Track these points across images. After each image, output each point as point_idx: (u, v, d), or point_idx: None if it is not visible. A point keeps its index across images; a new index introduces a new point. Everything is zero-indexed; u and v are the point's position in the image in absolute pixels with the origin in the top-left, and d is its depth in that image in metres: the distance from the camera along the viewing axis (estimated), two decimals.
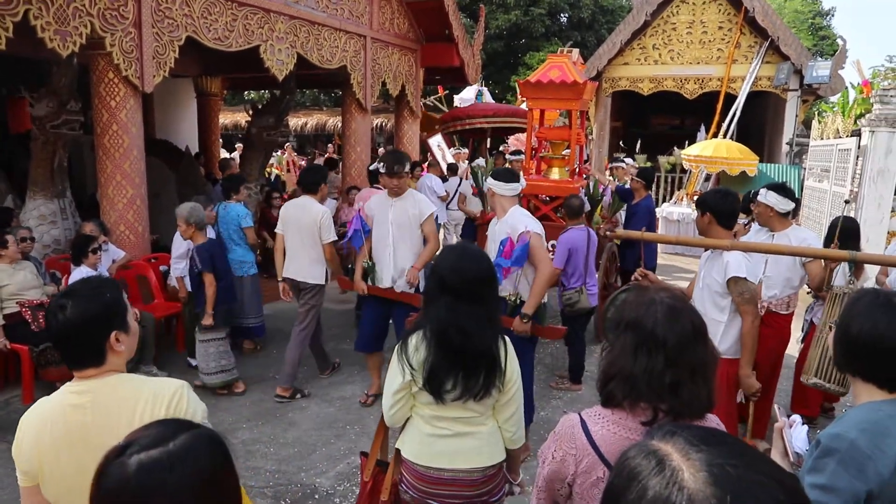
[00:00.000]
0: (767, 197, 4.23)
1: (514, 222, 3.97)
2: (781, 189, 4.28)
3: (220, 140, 13.19)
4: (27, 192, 6.10)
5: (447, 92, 14.10)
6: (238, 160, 10.40)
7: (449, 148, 12.41)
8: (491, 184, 4.11)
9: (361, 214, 4.83)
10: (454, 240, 9.22)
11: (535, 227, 3.94)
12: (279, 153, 16.90)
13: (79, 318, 1.63)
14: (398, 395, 2.27)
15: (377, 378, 5.06)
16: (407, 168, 4.73)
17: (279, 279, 5.20)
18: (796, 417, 1.86)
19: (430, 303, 2.27)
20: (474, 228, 7.85)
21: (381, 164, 4.74)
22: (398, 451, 2.38)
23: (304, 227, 5.03)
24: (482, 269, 2.25)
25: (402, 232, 4.72)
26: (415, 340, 2.22)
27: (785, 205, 4.23)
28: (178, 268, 5.51)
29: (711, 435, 0.87)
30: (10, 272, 4.87)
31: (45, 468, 1.65)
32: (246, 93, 22.20)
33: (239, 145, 17.54)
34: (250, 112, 8.65)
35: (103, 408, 1.65)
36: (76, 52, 5.04)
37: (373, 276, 4.83)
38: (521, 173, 4.90)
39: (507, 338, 2.29)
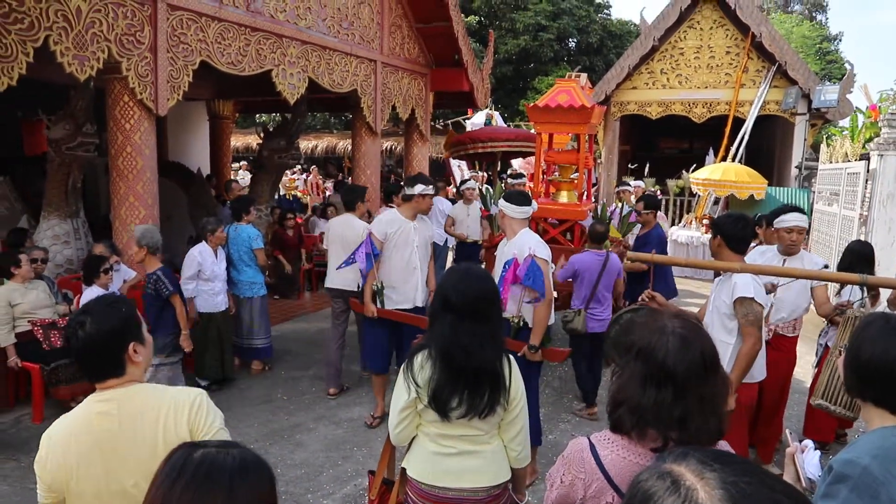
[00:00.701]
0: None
1: (521, 244, 3.99)
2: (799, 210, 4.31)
3: (232, 162, 13.33)
4: (42, 213, 6.18)
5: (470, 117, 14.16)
6: (242, 182, 10.52)
7: (469, 170, 12.47)
8: (502, 206, 4.14)
9: (371, 238, 4.85)
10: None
11: (542, 251, 3.94)
12: (304, 176, 17.13)
13: (98, 332, 1.72)
14: (404, 413, 2.27)
15: (381, 399, 5.08)
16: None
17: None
18: (808, 442, 1.84)
19: (434, 322, 2.29)
20: (467, 251, 7.88)
21: (419, 184, 4.84)
22: (403, 470, 2.37)
23: (349, 241, 5.37)
24: (485, 289, 2.27)
25: (424, 253, 4.98)
26: (420, 359, 2.25)
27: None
28: (188, 289, 5.54)
29: (723, 455, 0.87)
30: (23, 291, 4.92)
31: (73, 482, 1.69)
32: (257, 116, 22.46)
33: (242, 164, 17.74)
34: (262, 135, 8.76)
35: (129, 415, 1.72)
36: (93, 76, 5.14)
37: (382, 299, 4.86)
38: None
39: (511, 357, 2.31)
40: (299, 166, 18.71)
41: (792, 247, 4.17)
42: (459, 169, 12.26)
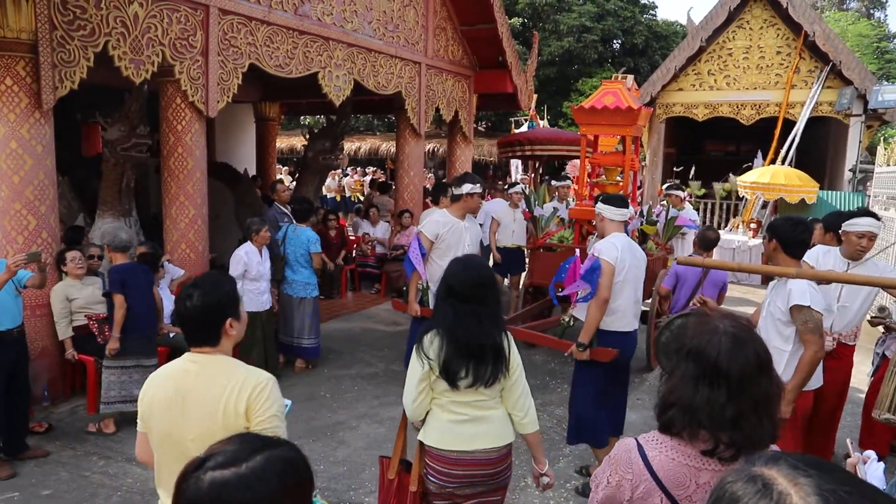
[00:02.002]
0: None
1: (599, 245, 4.01)
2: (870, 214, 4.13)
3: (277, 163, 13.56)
4: (97, 211, 6.40)
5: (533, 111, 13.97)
6: (286, 182, 10.69)
7: (523, 172, 12.39)
8: (600, 208, 4.17)
9: (420, 238, 4.88)
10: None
11: (610, 254, 3.92)
12: (365, 177, 17.49)
13: (203, 305, 1.98)
14: (420, 386, 2.56)
15: None
16: None
17: None
18: (871, 453, 1.78)
19: (439, 305, 2.65)
20: (510, 256, 7.81)
21: (467, 184, 4.88)
22: (421, 443, 2.63)
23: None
24: (482, 276, 2.62)
25: (474, 252, 5.01)
26: (429, 337, 2.56)
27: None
28: (253, 289, 5.71)
29: (817, 461, 0.84)
30: (80, 287, 5.10)
31: (152, 420, 2.00)
32: (302, 117, 22.80)
33: (285, 168, 18.06)
34: (307, 136, 8.90)
35: (205, 378, 1.97)
36: (147, 79, 5.31)
37: (427, 298, 4.89)
38: (572, 198, 4.92)
39: (509, 333, 2.63)
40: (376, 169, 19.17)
41: (861, 252, 3.95)
42: (516, 170, 12.18)
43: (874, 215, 4.00)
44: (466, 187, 4.86)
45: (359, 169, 19.88)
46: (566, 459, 4.61)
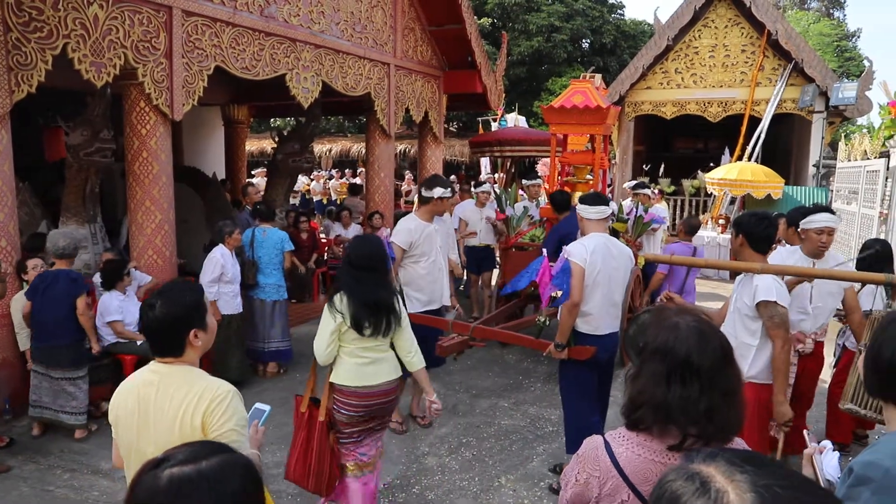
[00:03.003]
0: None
1: (570, 247, 3.99)
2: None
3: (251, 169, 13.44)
4: (60, 218, 6.25)
5: (504, 112, 13.88)
6: (258, 185, 10.58)
7: (492, 172, 12.38)
8: (578, 208, 4.15)
9: (392, 246, 4.83)
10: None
11: (580, 255, 3.89)
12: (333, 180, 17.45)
13: (165, 315, 1.95)
14: (332, 336, 3.23)
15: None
16: None
17: None
18: (827, 443, 1.81)
19: (343, 274, 3.40)
20: (479, 255, 7.83)
21: (438, 188, 4.83)
22: (331, 384, 3.32)
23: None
24: (375, 251, 3.37)
25: (446, 252, 5.12)
26: (338, 297, 3.24)
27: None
28: (212, 291, 5.64)
29: (754, 456, 0.85)
30: None
31: (119, 430, 2.01)
32: (272, 120, 22.59)
33: (258, 171, 17.94)
34: (276, 139, 8.81)
35: (165, 390, 1.94)
36: (110, 82, 5.20)
37: (402, 301, 4.88)
38: (543, 197, 4.95)
39: (398, 295, 3.40)
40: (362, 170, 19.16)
41: (822, 249, 3.95)
42: (485, 169, 12.14)
43: (830, 210, 4.03)
44: (438, 191, 4.81)
45: (347, 171, 19.79)
46: (540, 458, 4.63)
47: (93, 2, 4.95)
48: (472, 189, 8.42)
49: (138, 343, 5.29)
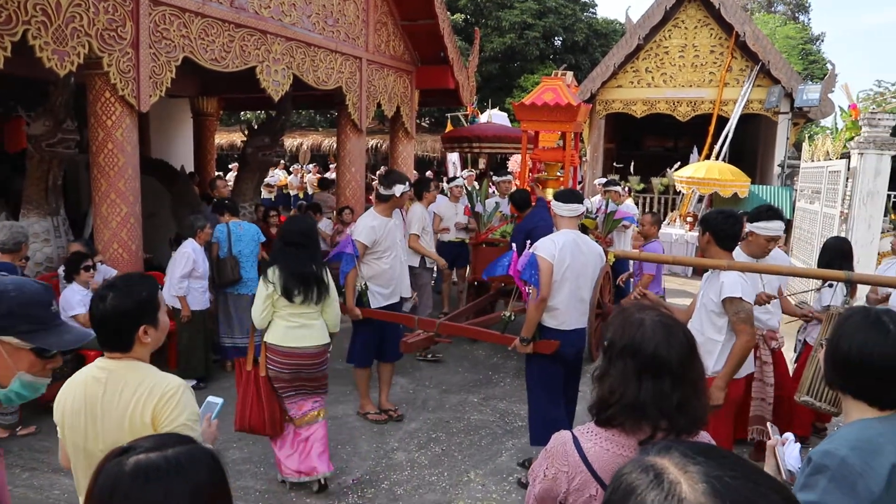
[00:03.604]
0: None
1: (538, 242, 4.02)
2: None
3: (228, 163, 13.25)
4: (21, 210, 6.09)
5: (475, 109, 13.72)
6: (228, 180, 10.44)
7: (462, 169, 12.30)
8: (553, 204, 4.17)
9: (355, 243, 4.82)
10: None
11: (547, 251, 3.92)
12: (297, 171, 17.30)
13: (114, 309, 1.89)
14: (266, 302, 3.78)
15: (366, 395, 5.15)
16: None
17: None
18: (789, 435, 1.86)
19: (276, 250, 3.96)
20: (453, 250, 7.83)
21: (398, 185, 4.85)
22: (266, 343, 3.85)
23: (406, 222, 6.24)
24: (304, 228, 3.94)
25: (405, 244, 5.23)
26: (272, 269, 3.79)
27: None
28: (182, 287, 5.61)
29: (707, 448, 0.87)
30: None
31: (65, 429, 1.95)
32: (242, 113, 22.31)
33: (234, 165, 17.72)
34: (246, 132, 8.70)
35: (113, 387, 1.89)
36: (73, 71, 5.08)
37: (366, 299, 4.88)
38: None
39: (326, 268, 3.91)
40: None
41: (765, 253, 4.04)
42: (454, 165, 12.05)
43: (781, 217, 4.07)
44: (398, 188, 4.84)
45: (331, 167, 19.61)
46: (509, 453, 4.66)
47: None
48: (444, 184, 8.40)
49: None
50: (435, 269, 7.82)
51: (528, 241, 4.24)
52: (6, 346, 1.46)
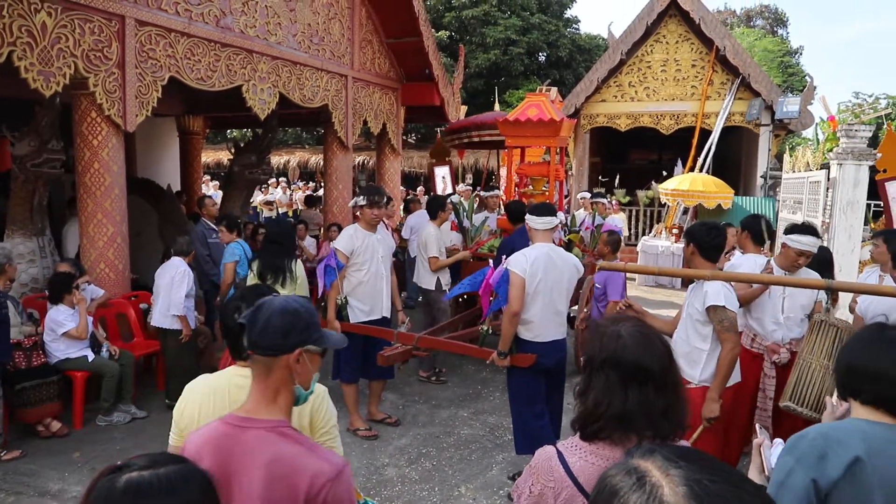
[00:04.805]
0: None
1: (511, 257, 4.06)
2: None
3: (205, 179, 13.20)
4: (6, 231, 6.05)
5: None
6: (216, 198, 10.40)
7: (454, 183, 12.19)
8: (527, 218, 4.24)
9: (336, 253, 4.88)
10: None
11: (520, 265, 3.97)
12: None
13: None
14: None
15: (355, 409, 5.12)
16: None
17: None
18: (777, 440, 1.91)
19: (261, 245, 5.18)
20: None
21: (376, 196, 4.93)
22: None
23: (420, 244, 6.42)
24: (283, 230, 5.32)
25: (388, 263, 5.12)
26: (256, 261, 4.97)
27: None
28: (188, 306, 5.64)
29: (689, 452, 0.89)
30: None
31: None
32: (228, 131, 22.30)
33: (214, 183, 17.67)
34: (232, 150, 8.71)
35: None
36: (59, 91, 5.08)
37: (346, 313, 4.91)
38: (500, 208, 5.03)
39: (297, 260, 5.04)
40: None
41: (796, 268, 4.01)
42: (443, 181, 12.00)
43: (817, 234, 4.05)
44: (357, 199, 5.04)
45: (311, 184, 19.65)
46: (499, 466, 4.66)
47: (41, 9, 4.83)
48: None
49: (89, 358, 5.15)
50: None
51: (503, 257, 4.31)
52: (309, 354, 1.66)
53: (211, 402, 1.98)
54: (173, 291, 5.52)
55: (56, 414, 5.03)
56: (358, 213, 5.14)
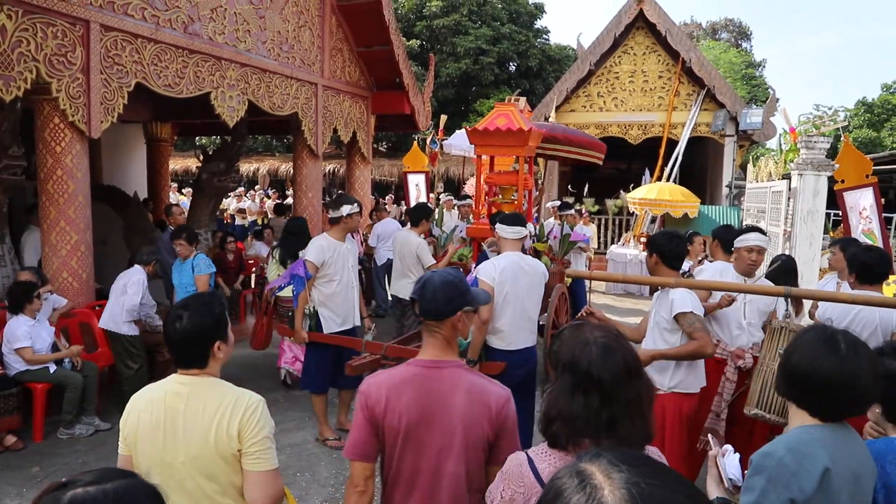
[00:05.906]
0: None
1: (480, 266, 4.09)
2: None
3: (171, 186, 13.01)
4: None
5: (445, 137, 13.58)
6: (183, 206, 10.28)
7: (428, 191, 12.17)
8: (497, 227, 4.28)
9: (306, 264, 4.83)
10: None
11: (488, 275, 4.00)
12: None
13: (192, 328, 1.99)
14: (276, 268, 5.08)
15: (325, 419, 5.11)
16: None
17: None
18: (728, 447, 1.94)
19: (282, 235, 5.71)
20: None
21: (345, 205, 4.90)
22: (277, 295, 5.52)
23: (406, 254, 6.41)
24: (298, 223, 6.19)
25: (356, 272, 5.11)
26: (277, 249, 5.66)
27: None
28: (142, 314, 5.65)
29: (634, 457, 0.91)
30: None
31: (139, 443, 2.00)
32: (197, 138, 22.04)
33: (188, 189, 17.45)
34: (201, 158, 8.61)
35: (196, 402, 1.99)
36: (20, 96, 4.98)
37: (313, 323, 4.87)
38: (471, 217, 5.06)
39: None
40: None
41: (752, 266, 4.11)
42: (417, 188, 11.94)
43: (761, 231, 4.22)
44: (345, 209, 4.88)
45: (275, 192, 19.52)
46: None
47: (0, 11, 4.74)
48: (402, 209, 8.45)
49: (51, 369, 5.04)
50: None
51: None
52: (466, 313, 2.07)
53: (149, 410, 2.01)
54: (126, 298, 5.48)
55: (15, 427, 4.90)
56: (340, 223, 4.93)
